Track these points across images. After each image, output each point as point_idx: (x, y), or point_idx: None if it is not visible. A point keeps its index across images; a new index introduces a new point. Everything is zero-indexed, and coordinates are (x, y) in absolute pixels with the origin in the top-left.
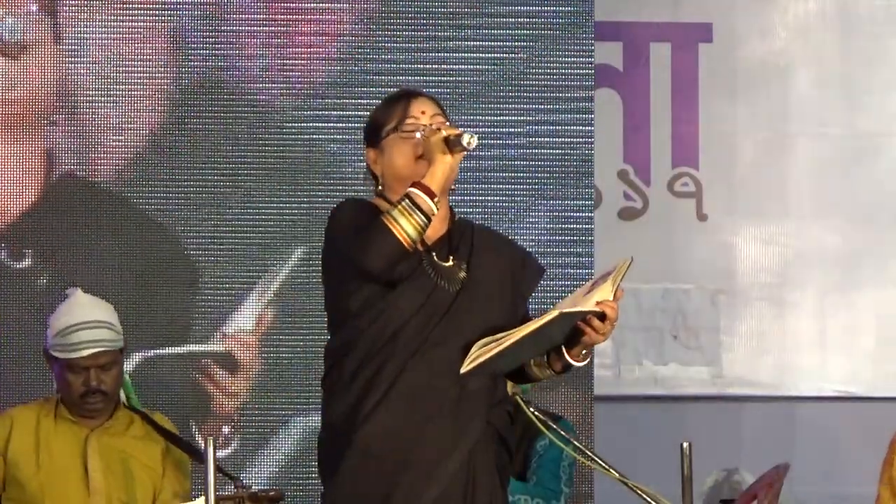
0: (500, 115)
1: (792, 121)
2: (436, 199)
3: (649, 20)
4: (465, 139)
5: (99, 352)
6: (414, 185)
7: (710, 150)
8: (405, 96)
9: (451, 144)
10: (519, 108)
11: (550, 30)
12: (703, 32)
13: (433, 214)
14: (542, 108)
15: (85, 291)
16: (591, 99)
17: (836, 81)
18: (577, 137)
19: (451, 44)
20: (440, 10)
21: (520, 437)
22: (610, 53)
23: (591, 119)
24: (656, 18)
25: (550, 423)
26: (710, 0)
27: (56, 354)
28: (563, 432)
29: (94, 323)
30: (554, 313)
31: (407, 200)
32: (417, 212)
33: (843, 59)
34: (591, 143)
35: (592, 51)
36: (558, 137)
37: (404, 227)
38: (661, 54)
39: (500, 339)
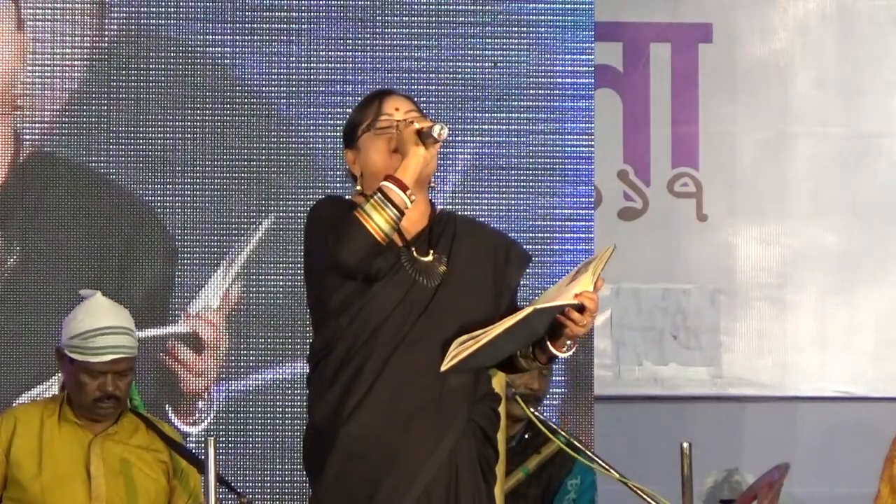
0: (500, 114)
1: (792, 121)
2: (408, 192)
3: (649, 20)
4: (436, 130)
5: (119, 358)
6: (386, 178)
7: (710, 150)
8: (379, 95)
9: (424, 136)
10: (519, 108)
11: (550, 30)
12: (703, 32)
13: (406, 207)
14: (542, 108)
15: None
16: (591, 99)
17: (836, 81)
18: (577, 137)
19: (451, 43)
20: (440, 11)
21: (539, 467)
22: (610, 53)
23: (591, 119)
24: (656, 18)
25: (551, 424)
26: (710, 0)
27: (74, 356)
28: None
29: (117, 329)
30: (528, 310)
31: (379, 194)
32: (389, 205)
33: (843, 59)
34: (591, 143)
35: (592, 51)
36: (558, 137)
37: (376, 220)
38: (661, 54)
39: (477, 336)
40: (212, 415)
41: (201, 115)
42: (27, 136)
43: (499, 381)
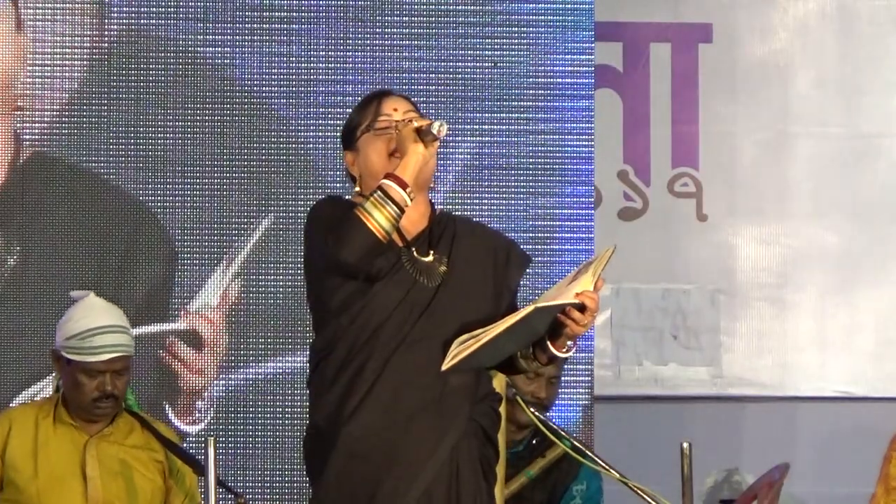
0: (500, 114)
1: (792, 121)
2: (408, 190)
3: (649, 20)
4: (436, 127)
5: (117, 356)
6: (386, 176)
7: (710, 150)
8: (377, 96)
9: (423, 134)
10: (519, 108)
11: (550, 30)
12: (703, 32)
13: (406, 205)
14: (542, 108)
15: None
16: (591, 99)
17: (836, 81)
18: (577, 137)
19: (450, 43)
20: (440, 11)
21: (545, 472)
22: (610, 53)
23: (591, 119)
24: (656, 18)
25: (551, 424)
26: (710, 0)
27: (71, 357)
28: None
29: (114, 327)
30: (529, 308)
31: (379, 192)
32: (390, 202)
33: (843, 59)
34: (591, 143)
35: (592, 51)
36: (558, 137)
37: (377, 218)
38: (661, 54)
39: (479, 335)
40: (211, 415)
41: (201, 115)
42: (27, 137)
43: (499, 382)
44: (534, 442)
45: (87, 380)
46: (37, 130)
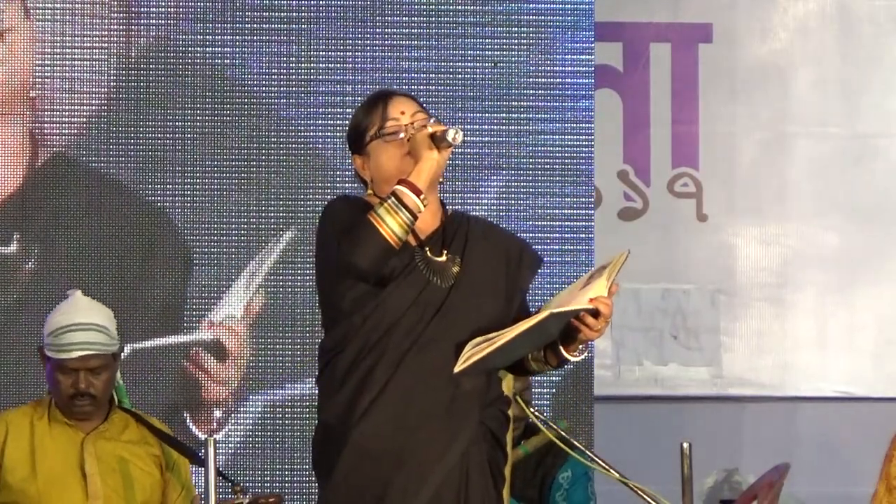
0: (501, 114)
1: (792, 121)
2: (422, 196)
3: (649, 20)
4: (451, 134)
5: (88, 355)
6: (400, 182)
7: (710, 150)
8: (381, 98)
9: (437, 140)
10: (519, 108)
11: (550, 30)
12: (703, 32)
13: (419, 211)
14: (542, 108)
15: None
16: (591, 99)
17: (836, 81)
18: (577, 137)
19: (450, 43)
20: (440, 11)
21: (535, 465)
22: (610, 53)
23: (591, 119)
24: (656, 18)
25: (551, 424)
26: (710, 0)
27: (49, 354)
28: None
29: (87, 325)
30: (544, 314)
31: (393, 198)
32: (403, 209)
33: (843, 59)
34: (591, 143)
35: (592, 51)
36: (558, 137)
37: (390, 225)
38: (661, 54)
39: (493, 338)
40: (229, 424)
41: (200, 115)
42: (46, 140)
43: (507, 384)
44: (523, 442)
45: (62, 377)
46: (56, 133)
